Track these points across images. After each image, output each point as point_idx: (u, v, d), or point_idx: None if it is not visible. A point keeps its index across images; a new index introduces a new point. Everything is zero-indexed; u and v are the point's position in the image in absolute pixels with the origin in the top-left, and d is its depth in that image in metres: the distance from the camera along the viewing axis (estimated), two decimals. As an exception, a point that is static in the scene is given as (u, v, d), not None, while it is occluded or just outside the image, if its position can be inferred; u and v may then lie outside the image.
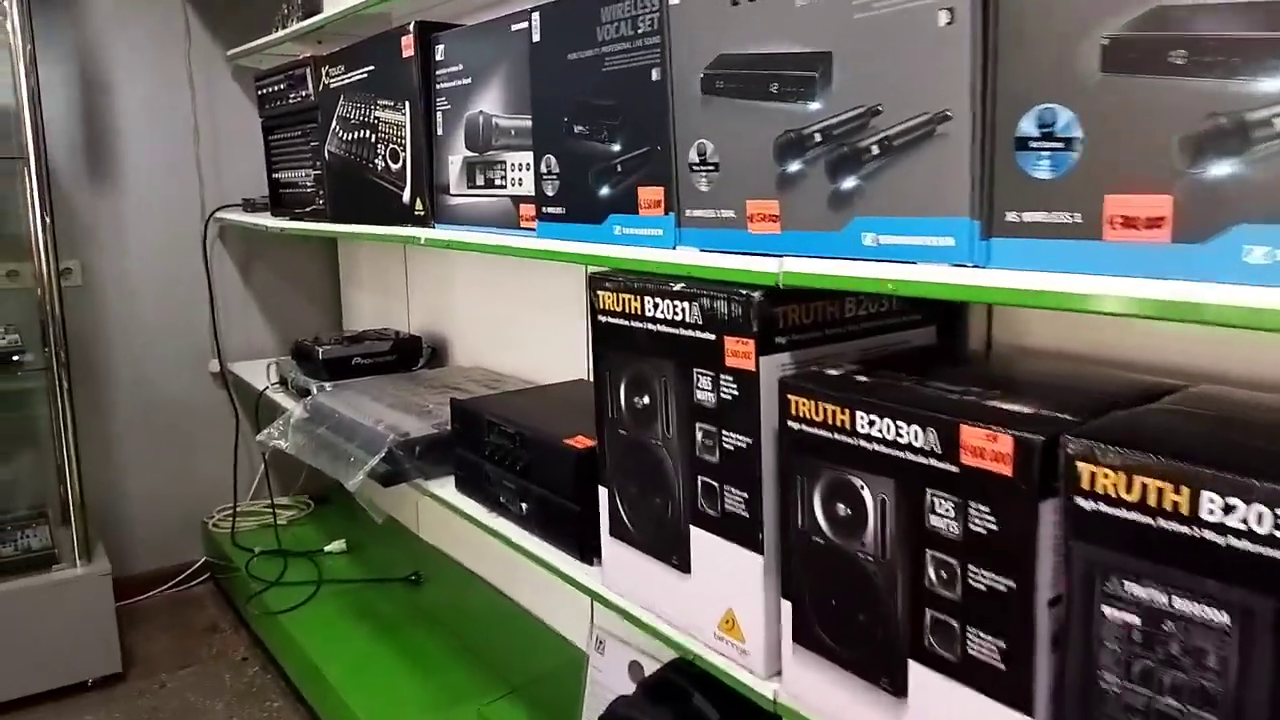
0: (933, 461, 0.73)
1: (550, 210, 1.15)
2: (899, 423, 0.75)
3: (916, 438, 0.74)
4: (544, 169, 1.14)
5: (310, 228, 1.91)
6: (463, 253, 2.08)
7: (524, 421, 1.29)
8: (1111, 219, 0.62)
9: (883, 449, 0.76)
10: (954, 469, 0.71)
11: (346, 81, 1.64)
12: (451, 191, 1.39)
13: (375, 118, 1.56)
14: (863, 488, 0.79)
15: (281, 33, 2.12)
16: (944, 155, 0.70)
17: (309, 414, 1.81)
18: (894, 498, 0.76)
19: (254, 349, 2.72)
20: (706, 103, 0.89)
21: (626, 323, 1.01)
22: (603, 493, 1.09)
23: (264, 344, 2.74)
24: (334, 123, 1.72)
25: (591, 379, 1.09)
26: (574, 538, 1.19)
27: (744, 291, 0.86)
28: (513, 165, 1.24)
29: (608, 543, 1.10)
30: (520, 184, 1.23)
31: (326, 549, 2.44)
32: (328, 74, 1.71)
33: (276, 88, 1.99)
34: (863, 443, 0.78)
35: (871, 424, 0.77)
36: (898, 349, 0.97)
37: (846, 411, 0.79)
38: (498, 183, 1.27)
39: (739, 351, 0.88)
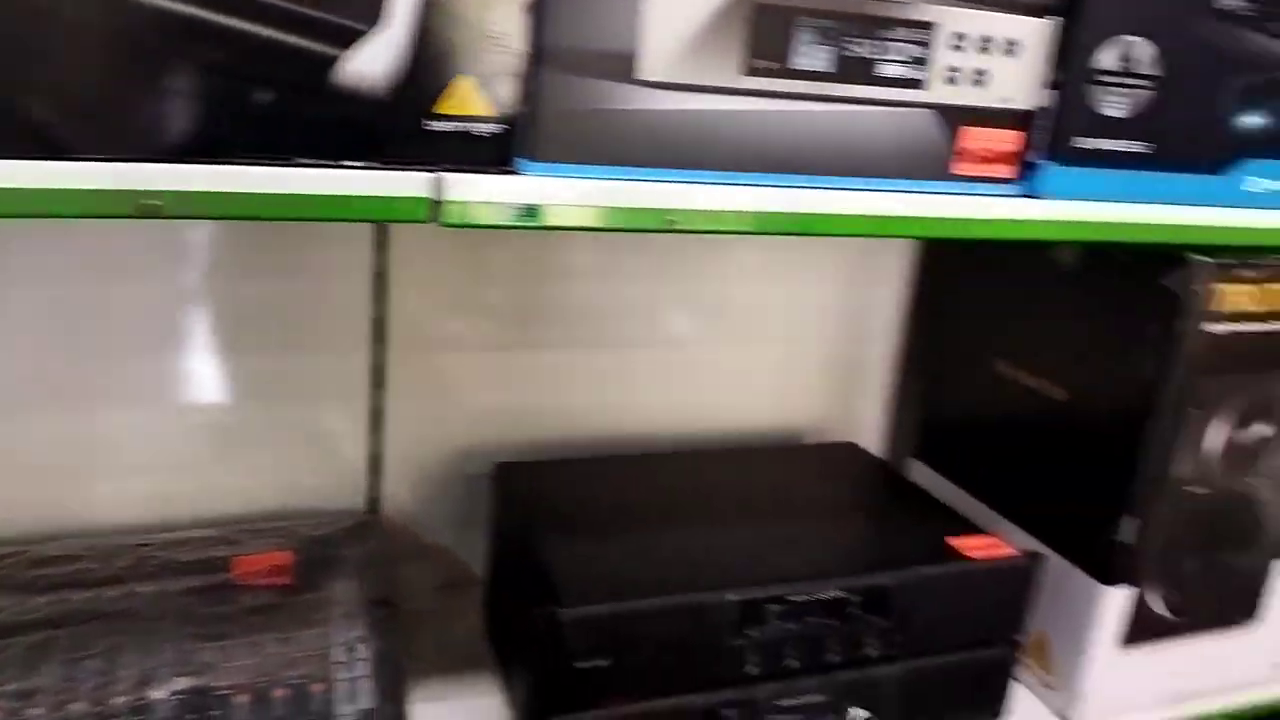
0: None
1: (1111, 146, 0.64)
2: None
3: None
4: (1106, 66, 0.63)
5: None
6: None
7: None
8: None
9: None
10: None
11: None
12: (648, 76, 0.51)
13: None
14: None
15: None
16: None
17: None
18: None
19: None
20: None
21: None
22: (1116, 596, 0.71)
23: None
24: None
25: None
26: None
27: None
28: (947, 40, 0.64)
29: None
30: (976, 80, 0.64)
31: None
32: None
33: None
34: None
35: None
36: None
37: None
38: (885, 72, 0.64)
39: None
